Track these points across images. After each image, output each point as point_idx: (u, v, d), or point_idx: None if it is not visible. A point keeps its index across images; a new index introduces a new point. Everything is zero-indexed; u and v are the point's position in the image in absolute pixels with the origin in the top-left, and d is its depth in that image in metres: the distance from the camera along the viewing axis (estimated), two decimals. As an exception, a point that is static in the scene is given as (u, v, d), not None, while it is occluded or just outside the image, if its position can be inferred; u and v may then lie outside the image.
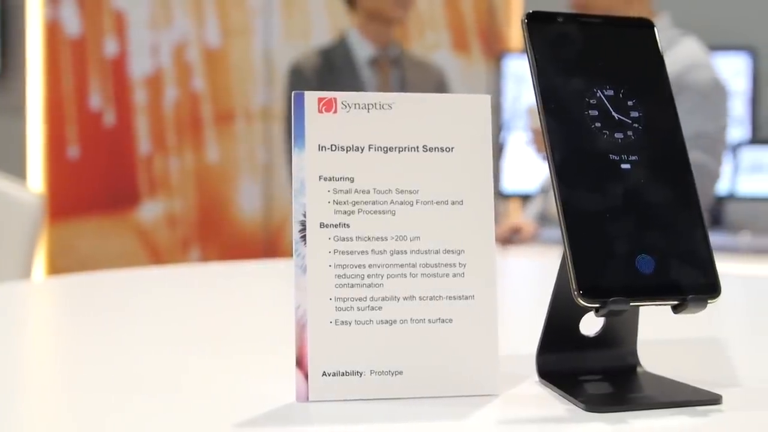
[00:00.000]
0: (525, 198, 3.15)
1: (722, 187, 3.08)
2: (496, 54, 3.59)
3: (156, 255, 3.38)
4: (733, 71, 3.23)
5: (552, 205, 0.56)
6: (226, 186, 3.44)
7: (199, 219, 3.43)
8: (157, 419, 0.53)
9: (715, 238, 2.82)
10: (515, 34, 3.69)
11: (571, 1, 2.15)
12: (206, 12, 3.41)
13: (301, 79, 2.46)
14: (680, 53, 2.02)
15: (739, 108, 3.23)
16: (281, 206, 3.43)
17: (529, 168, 3.04)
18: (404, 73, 2.51)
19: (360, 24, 2.50)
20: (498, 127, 3.25)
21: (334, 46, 2.52)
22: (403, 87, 2.48)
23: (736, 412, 0.54)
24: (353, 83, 2.43)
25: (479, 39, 3.67)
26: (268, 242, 3.46)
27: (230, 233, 3.45)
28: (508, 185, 3.34)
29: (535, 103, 0.57)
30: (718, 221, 3.08)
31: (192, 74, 3.40)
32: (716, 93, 1.99)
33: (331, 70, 2.45)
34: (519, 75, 3.29)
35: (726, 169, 3.08)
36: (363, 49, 2.48)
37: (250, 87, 3.44)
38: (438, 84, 2.59)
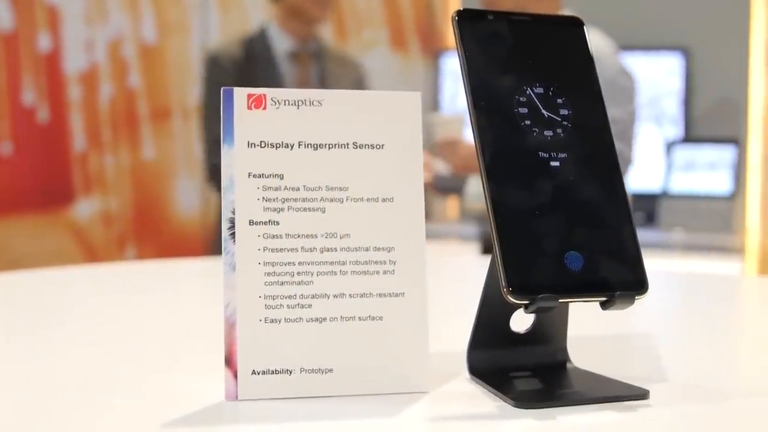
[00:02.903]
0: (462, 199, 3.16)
1: (656, 185, 3.13)
2: (434, 52, 3.60)
3: (91, 253, 3.33)
4: (667, 71, 3.28)
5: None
6: (162, 183, 3.41)
7: (135, 217, 3.39)
8: (83, 419, 0.52)
9: (648, 236, 2.86)
10: (453, 32, 3.70)
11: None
12: (142, 7, 3.36)
13: (217, 69, 2.43)
14: None
15: (672, 107, 3.28)
16: (219, 204, 3.40)
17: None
18: (324, 68, 2.49)
19: (280, 18, 2.47)
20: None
21: (254, 38, 2.48)
22: (322, 81, 2.47)
23: (662, 406, 0.55)
24: (272, 76, 2.40)
25: (417, 37, 3.68)
26: (206, 240, 3.43)
27: (167, 231, 3.42)
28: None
29: (465, 101, 0.57)
30: (651, 219, 3.13)
31: (128, 70, 3.36)
32: (622, 80, 2.03)
33: (251, 62, 2.42)
34: (457, 73, 3.30)
35: (660, 167, 3.13)
36: (282, 43, 2.45)
37: (186, 84, 3.41)
38: (357, 79, 2.56)
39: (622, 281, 0.55)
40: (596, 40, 2.04)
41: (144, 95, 3.37)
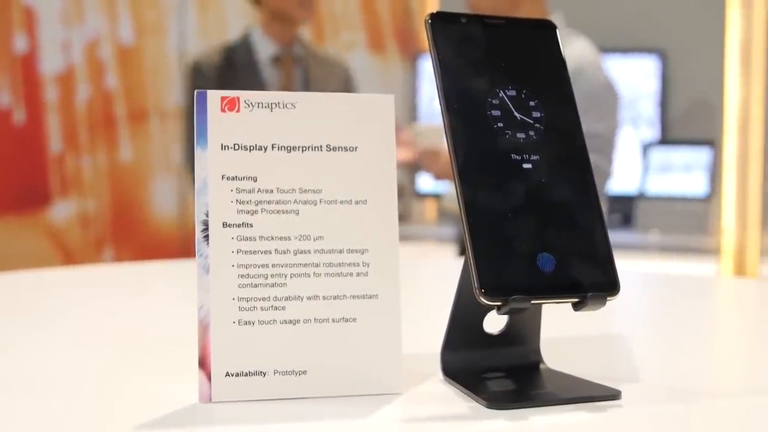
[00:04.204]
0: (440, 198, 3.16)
1: (632, 186, 3.15)
2: (412, 54, 3.61)
3: (68, 256, 3.31)
4: (644, 73, 3.30)
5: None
6: (140, 185, 3.39)
7: (112, 219, 3.37)
8: (57, 421, 0.52)
9: (625, 237, 2.87)
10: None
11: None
12: (119, 9, 3.35)
13: (200, 77, 2.44)
14: (570, 54, 2.03)
15: (648, 109, 3.30)
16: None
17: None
18: (308, 72, 2.49)
19: (263, 22, 2.48)
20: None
21: (237, 44, 2.50)
22: (306, 85, 2.47)
23: (634, 406, 0.55)
24: (254, 81, 2.41)
25: (395, 39, 3.68)
26: (184, 242, 3.42)
27: (145, 233, 3.40)
28: (424, 185, 3.36)
29: (438, 104, 0.57)
30: (628, 220, 3.14)
31: (105, 72, 3.34)
32: (606, 94, 2.02)
33: (232, 68, 2.42)
34: (435, 75, 3.30)
35: (636, 169, 3.15)
36: (266, 47, 2.46)
37: (164, 85, 3.40)
38: (344, 82, 2.57)
39: (594, 282, 0.55)
40: (582, 50, 2.03)
41: (121, 96, 3.36)
